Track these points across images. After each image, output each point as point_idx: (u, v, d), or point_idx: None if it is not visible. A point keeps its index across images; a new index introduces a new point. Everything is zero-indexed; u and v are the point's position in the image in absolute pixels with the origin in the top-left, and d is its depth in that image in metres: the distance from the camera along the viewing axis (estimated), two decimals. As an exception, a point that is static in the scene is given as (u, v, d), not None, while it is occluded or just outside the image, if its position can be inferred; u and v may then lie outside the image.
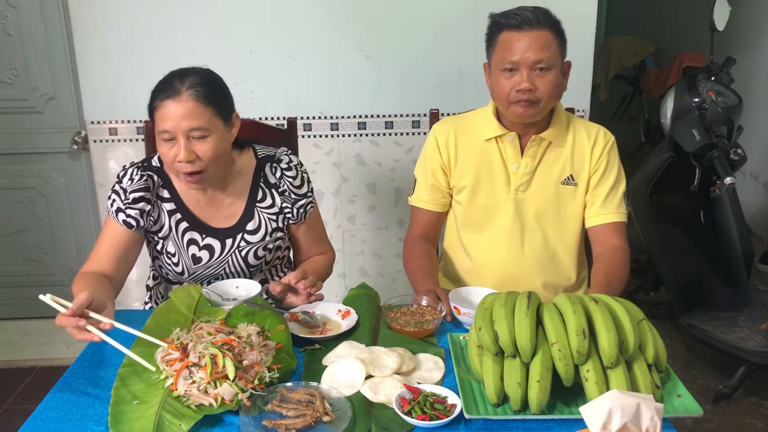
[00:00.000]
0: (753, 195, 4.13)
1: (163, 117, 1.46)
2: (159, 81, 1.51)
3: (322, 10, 2.54)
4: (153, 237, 1.63)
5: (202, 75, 1.50)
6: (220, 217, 1.64)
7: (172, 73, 1.50)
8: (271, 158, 1.67)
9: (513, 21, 1.54)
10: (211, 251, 1.63)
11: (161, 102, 1.46)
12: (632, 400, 0.92)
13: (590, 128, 1.70)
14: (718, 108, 2.54)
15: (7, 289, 2.95)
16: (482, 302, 1.24)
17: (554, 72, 1.55)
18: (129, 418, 1.10)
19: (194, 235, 1.62)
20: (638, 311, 1.21)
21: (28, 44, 2.62)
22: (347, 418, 1.10)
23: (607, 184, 1.68)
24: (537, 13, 1.54)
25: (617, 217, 1.68)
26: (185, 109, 1.44)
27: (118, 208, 1.57)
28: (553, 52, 1.54)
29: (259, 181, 1.66)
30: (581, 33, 2.52)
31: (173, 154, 1.47)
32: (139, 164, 1.61)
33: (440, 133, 1.73)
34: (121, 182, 1.58)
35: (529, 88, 1.53)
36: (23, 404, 2.52)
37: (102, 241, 1.58)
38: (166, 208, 1.61)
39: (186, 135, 1.46)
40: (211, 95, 1.48)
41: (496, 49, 1.58)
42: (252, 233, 1.64)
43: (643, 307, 1.25)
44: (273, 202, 1.66)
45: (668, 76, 4.71)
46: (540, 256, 1.71)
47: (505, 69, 1.56)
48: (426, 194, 1.77)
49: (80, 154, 2.76)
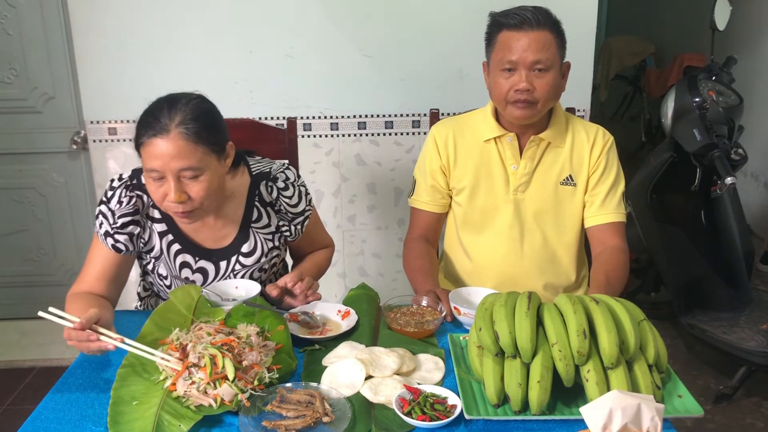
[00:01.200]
0: (754, 195, 4.12)
1: (150, 155, 1.33)
2: (145, 111, 1.38)
3: (322, 10, 2.54)
4: (145, 256, 1.57)
5: (192, 108, 1.36)
6: (214, 238, 1.56)
7: (159, 104, 1.37)
8: (267, 176, 1.58)
9: (513, 20, 1.53)
10: (205, 275, 1.57)
11: (148, 139, 1.33)
12: (633, 400, 0.92)
13: (589, 128, 1.70)
14: (719, 108, 2.54)
15: (6, 289, 2.95)
16: (482, 302, 1.24)
17: (553, 73, 1.55)
18: (128, 419, 1.09)
19: (187, 257, 1.54)
20: (639, 311, 1.21)
21: (27, 44, 2.62)
22: (347, 418, 1.10)
23: (606, 184, 1.67)
24: (537, 13, 1.53)
25: (616, 217, 1.68)
26: (175, 149, 1.32)
27: (107, 232, 1.48)
28: (552, 52, 1.53)
29: (254, 200, 1.57)
30: (581, 33, 2.52)
31: (162, 192, 1.36)
32: (128, 182, 1.50)
33: (439, 135, 1.73)
34: (109, 203, 1.48)
35: (527, 88, 1.53)
36: (23, 404, 2.51)
37: (92, 263, 1.51)
38: (156, 229, 1.53)
39: (176, 175, 1.34)
40: (203, 132, 1.35)
41: (495, 48, 1.58)
42: (247, 255, 1.58)
43: (643, 307, 1.25)
44: (269, 221, 1.59)
45: (669, 76, 4.71)
46: (540, 256, 1.71)
47: (503, 68, 1.55)
48: (425, 195, 1.77)
49: (79, 154, 2.76)
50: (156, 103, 1.38)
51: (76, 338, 1.21)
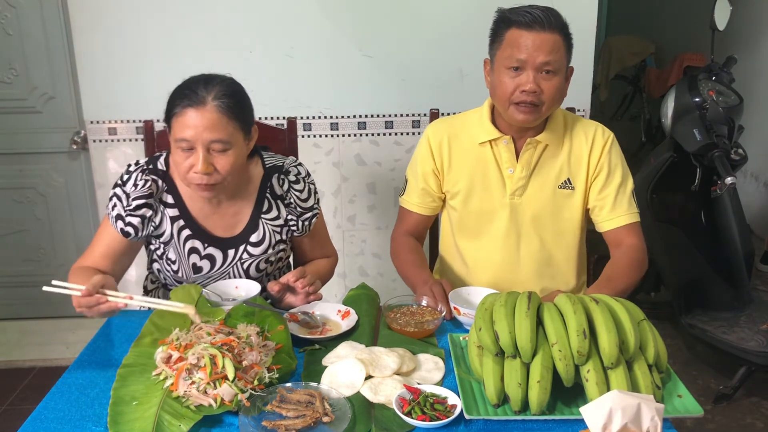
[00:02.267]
0: (754, 195, 4.13)
1: (182, 125, 1.39)
2: (179, 86, 1.44)
3: (322, 10, 2.54)
4: (154, 241, 1.60)
5: (227, 85, 1.44)
6: (224, 226, 1.59)
7: (195, 80, 1.44)
8: (279, 169, 1.63)
9: (524, 18, 1.48)
10: (213, 261, 1.59)
11: (182, 109, 1.39)
12: (633, 400, 0.92)
13: (588, 128, 1.65)
14: (719, 108, 2.54)
15: (6, 289, 2.95)
16: (482, 302, 1.24)
17: (560, 77, 1.51)
18: (128, 419, 1.09)
19: (196, 243, 1.57)
20: (639, 311, 1.21)
21: (27, 44, 2.62)
22: (347, 418, 1.10)
23: (613, 185, 1.63)
24: (549, 14, 1.48)
25: (629, 218, 1.63)
26: (209, 121, 1.39)
27: (118, 215, 1.52)
28: (561, 56, 1.49)
29: (266, 192, 1.61)
30: (581, 33, 2.49)
31: (189, 164, 1.42)
32: (144, 167, 1.55)
33: (433, 137, 1.69)
34: (124, 186, 1.53)
35: (534, 89, 1.48)
36: (23, 404, 2.51)
37: (98, 242, 1.56)
38: (169, 213, 1.56)
39: (206, 146, 1.40)
40: (236, 108, 1.43)
41: (502, 45, 1.53)
42: (255, 245, 1.61)
43: (643, 307, 1.25)
44: (278, 213, 1.63)
45: (669, 76, 4.71)
46: (537, 262, 1.69)
47: (510, 67, 1.50)
48: (416, 197, 1.74)
49: (79, 153, 2.76)
50: (191, 79, 1.45)
51: (86, 304, 1.26)
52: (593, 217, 1.68)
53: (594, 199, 1.65)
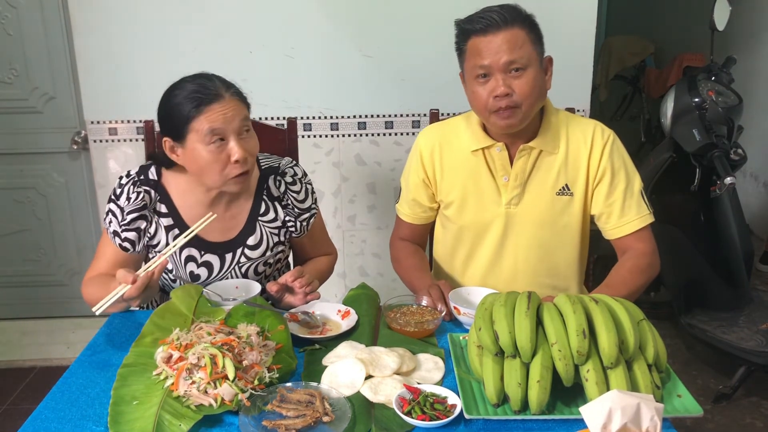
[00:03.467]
0: (753, 195, 4.13)
1: (211, 121, 1.41)
2: (186, 91, 1.44)
3: (322, 10, 2.54)
4: (151, 250, 1.59)
5: (227, 81, 1.52)
6: (221, 230, 1.58)
7: (198, 78, 1.46)
8: (275, 170, 1.63)
9: (479, 25, 1.44)
10: (210, 268, 1.59)
11: (207, 106, 1.42)
12: (632, 400, 0.92)
13: (586, 128, 1.58)
14: (719, 108, 2.54)
15: (6, 289, 2.95)
16: (482, 302, 1.24)
17: (532, 71, 1.45)
18: (129, 419, 1.10)
19: (192, 251, 1.57)
20: (638, 311, 1.21)
21: (28, 44, 2.62)
22: (347, 418, 1.10)
23: (619, 189, 1.55)
24: (504, 11, 1.43)
25: (639, 223, 1.56)
26: (231, 109, 1.44)
27: (115, 231, 1.54)
28: (526, 50, 1.43)
29: (262, 193, 1.61)
30: (581, 33, 2.52)
31: (225, 157, 1.44)
32: (135, 178, 1.55)
33: (425, 145, 1.65)
34: (117, 200, 1.54)
35: (506, 92, 1.43)
36: (23, 404, 2.52)
37: (102, 256, 1.57)
38: (163, 223, 1.56)
39: (238, 132, 1.44)
40: (243, 96, 1.51)
41: (466, 56, 1.49)
42: (253, 248, 1.60)
43: (643, 307, 1.25)
44: (276, 215, 1.62)
45: (668, 76, 4.71)
46: (536, 271, 1.63)
47: (478, 75, 1.46)
48: (407, 208, 1.73)
49: (80, 154, 2.76)
50: (192, 80, 1.46)
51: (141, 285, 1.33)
52: (600, 225, 1.62)
53: (600, 207, 1.58)
